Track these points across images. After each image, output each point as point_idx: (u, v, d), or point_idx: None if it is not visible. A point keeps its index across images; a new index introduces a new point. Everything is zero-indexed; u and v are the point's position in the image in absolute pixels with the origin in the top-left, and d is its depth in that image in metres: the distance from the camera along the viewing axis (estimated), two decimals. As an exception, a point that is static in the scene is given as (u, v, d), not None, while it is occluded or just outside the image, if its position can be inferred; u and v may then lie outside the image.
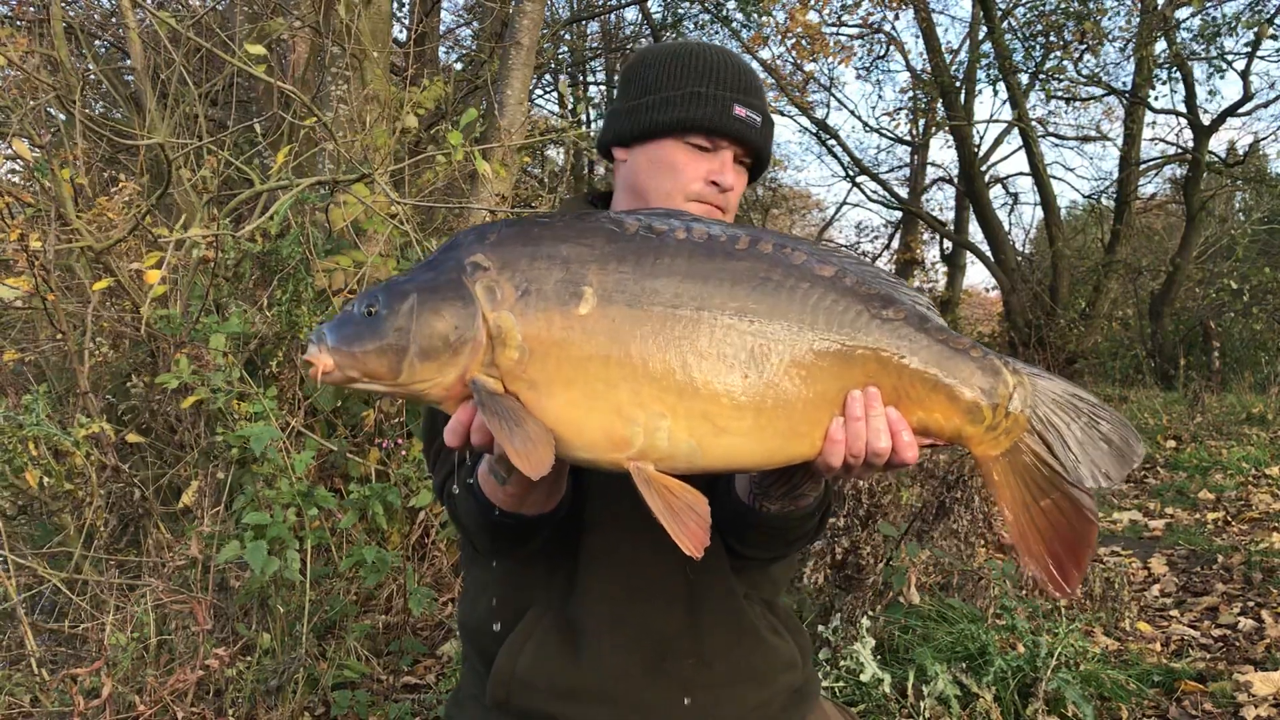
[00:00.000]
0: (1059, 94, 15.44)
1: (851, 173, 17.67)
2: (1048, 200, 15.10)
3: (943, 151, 48.69)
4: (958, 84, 15.20)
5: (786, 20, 13.39)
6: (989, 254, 15.79)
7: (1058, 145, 25.81)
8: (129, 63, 5.91)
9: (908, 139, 18.41)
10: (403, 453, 3.71)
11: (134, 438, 3.67)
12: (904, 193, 19.06)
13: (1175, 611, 4.05)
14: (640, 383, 1.05)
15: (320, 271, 3.92)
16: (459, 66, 10.64)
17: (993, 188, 17.98)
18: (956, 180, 17.70)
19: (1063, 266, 14.39)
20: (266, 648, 3.02)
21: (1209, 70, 13.50)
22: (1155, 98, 14.34)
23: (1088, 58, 14.21)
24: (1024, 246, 19.30)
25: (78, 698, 2.27)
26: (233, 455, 3.33)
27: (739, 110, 1.42)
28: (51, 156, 3.66)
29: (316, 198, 4.10)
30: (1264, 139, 17.21)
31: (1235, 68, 13.65)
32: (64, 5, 6.31)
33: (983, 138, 17.36)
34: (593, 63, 16.64)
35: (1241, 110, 14.01)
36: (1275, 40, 12.81)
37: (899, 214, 19.92)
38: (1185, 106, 14.03)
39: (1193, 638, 3.69)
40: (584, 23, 15.69)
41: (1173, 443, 8.09)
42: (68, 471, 3.26)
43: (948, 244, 19.82)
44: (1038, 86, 14.88)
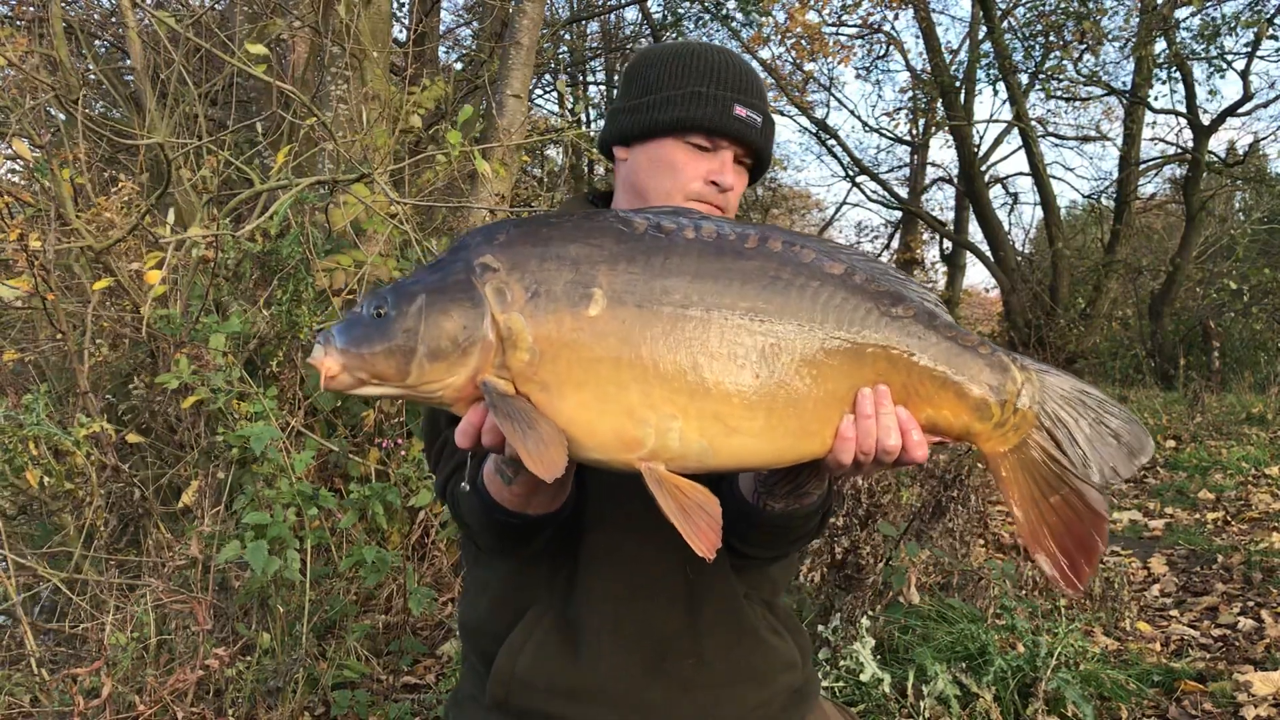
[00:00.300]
0: (1059, 94, 15.47)
1: (851, 172, 17.69)
2: (1048, 200, 15.10)
3: (943, 151, 48.75)
4: (958, 84, 15.21)
5: (786, 20, 13.39)
6: (989, 254, 15.80)
7: (1058, 145, 25.84)
8: (129, 63, 5.91)
9: (908, 139, 18.43)
10: (403, 453, 3.71)
11: (134, 438, 3.67)
12: (904, 193, 19.07)
13: (1175, 611, 4.05)
14: (651, 384, 1.05)
15: (320, 271, 3.92)
16: (459, 66, 10.64)
17: (993, 188, 17.98)
18: (956, 180, 17.70)
19: (1063, 266, 14.39)
20: (266, 648, 3.02)
21: (1209, 70, 13.52)
22: (1155, 98, 14.37)
23: (1088, 57, 14.24)
24: (1024, 246, 19.30)
25: (78, 698, 2.27)
26: (233, 455, 3.33)
27: (739, 110, 1.42)
28: (51, 156, 3.66)
29: (316, 197, 4.10)
30: (1264, 139, 17.22)
31: (1235, 68, 13.67)
32: (64, 5, 6.31)
33: (983, 138, 17.38)
34: (593, 63, 16.65)
35: (1241, 110, 14.02)
36: (1275, 40, 12.82)
37: (899, 214, 19.92)
38: (1185, 106, 14.04)
39: (1193, 638, 3.69)
40: (584, 23, 15.70)
41: (1173, 443, 8.09)
42: (68, 471, 3.26)
43: (948, 244, 19.83)
44: (1038, 86, 14.90)
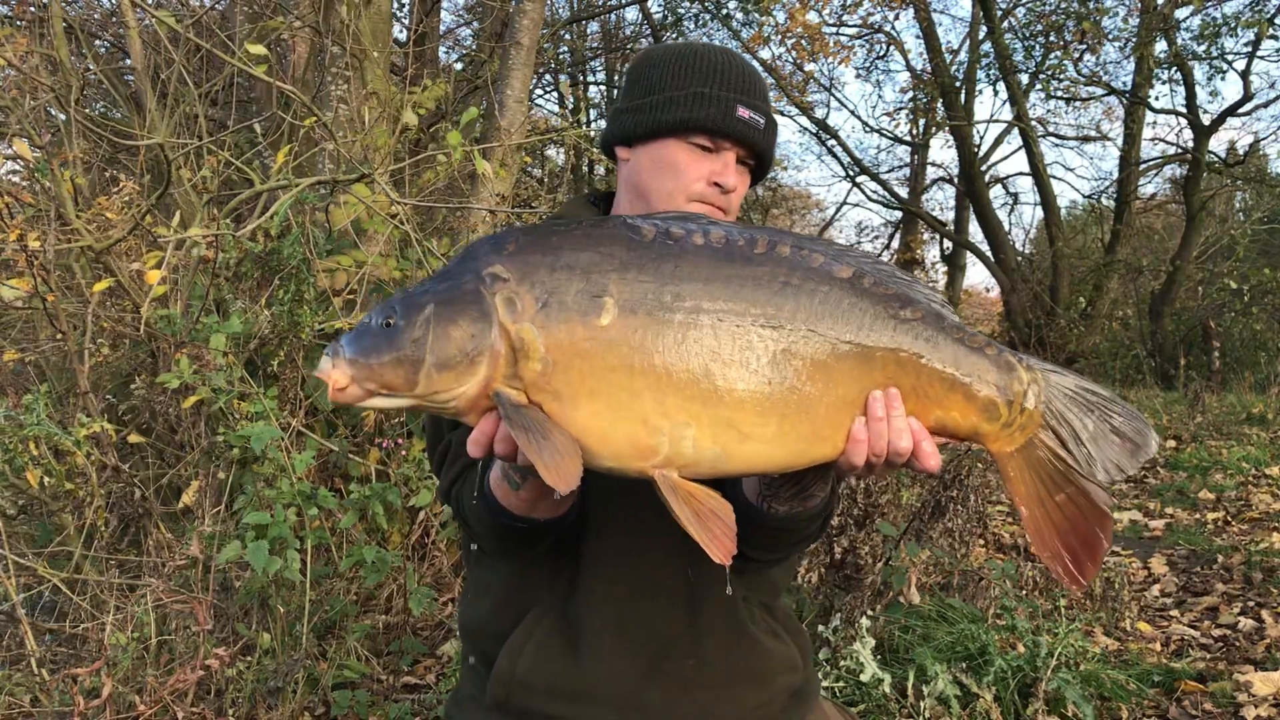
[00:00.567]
0: (1059, 94, 15.47)
1: (851, 173, 17.69)
2: (1048, 200, 15.11)
3: (943, 151, 48.74)
4: (958, 84, 15.21)
5: (787, 20, 13.39)
6: (989, 254, 15.79)
7: (1058, 145, 25.88)
8: (129, 63, 5.91)
9: (908, 139, 18.42)
10: (403, 453, 3.72)
11: (135, 438, 3.67)
12: (904, 193, 19.07)
13: (1175, 611, 4.05)
14: (664, 392, 1.05)
15: (321, 272, 3.92)
16: (459, 66, 10.64)
17: (993, 188, 17.99)
18: (956, 180, 17.71)
19: (1063, 266, 14.39)
20: (267, 648, 3.02)
21: (1209, 71, 13.52)
22: (1155, 98, 14.38)
23: (1088, 57, 14.25)
24: (1024, 246, 19.32)
25: (78, 698, 2.27)
26: (233, 455, 3.33)
27: (742, 112, 1.42)
28: (51, 156, 3.66)
29: (316, 198, 4.10)
30: (1264, 139, 17.27)
31: (1235, 68, 13.68)
32: (64, 5, 6.31)
33: (983, 138, 17.38)
34: (593, 63, 16.64)
35: (1241, 110, 14.03)
36: (1275, 40, 12.82)
37: (899, 214, 19.92)
38: (1185, 106, 14.04)
39: (1193, 638, 3.69)
40: (584, 23, 15.70)
41: (1173, 443, 8.09)
42: (68, 471, 3.26)
43: (948, 244, 19.83)
44: (1038, 86, 14.90)
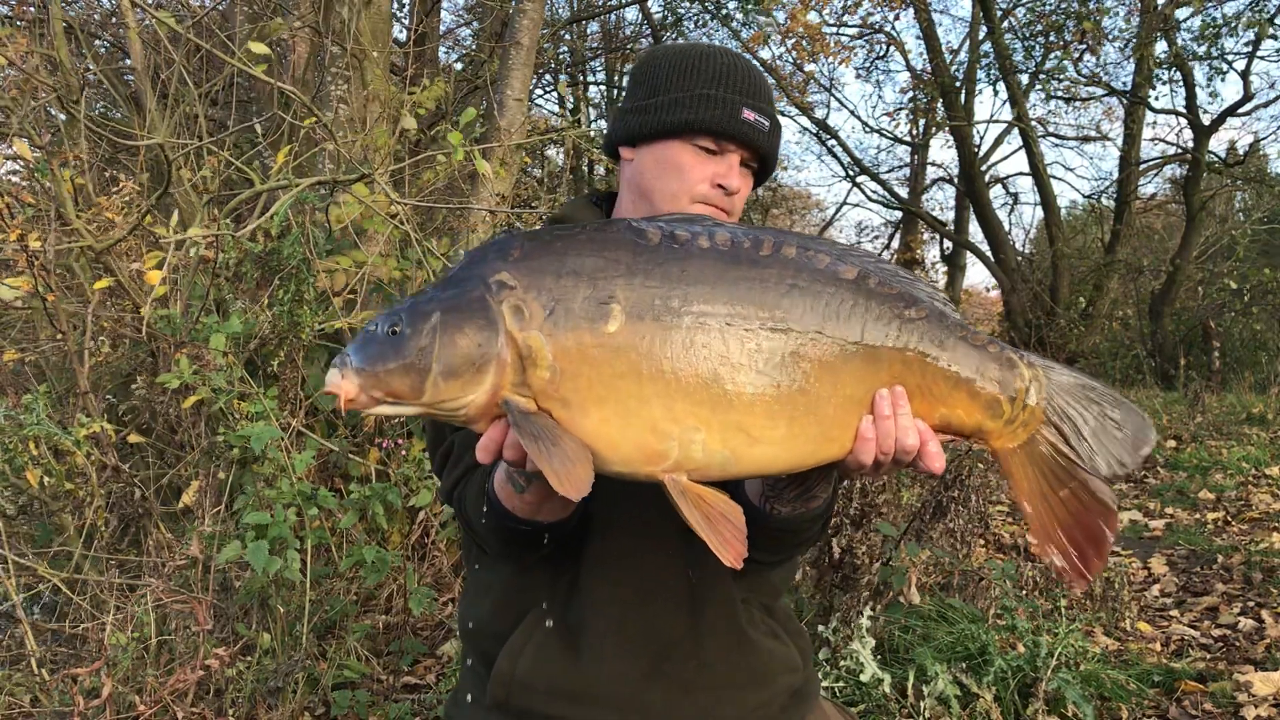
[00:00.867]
0: (1059, 94, 15.48)
1: (852, 173, 17.68)
2: (1048, 200, 15.11)
3: (943, 151, 48.76)
4: (958, 84, 15.20)
5: (787, 20, 13.39)
6: (989, 254, 15.79)
7: (1058, 145, 25.89)
8: (129, 63, 5.91)
9: (908, 139, 18.43)
10: (403, 453, 3.72)
11: (135, 438, 3.67)
12: (904, 193, 19.07)
13: (1175, 611, 4.05)
14: (673, 397, 1.05)
15: (321, 272, 3.92)
16: (459, 66, 10.64)
17: (993, 188, 18.00)
18: (956, 180, 17.71)
19: (1063, 266, 14.39)
20: (266, 648, 3.02)
21: (1209, 71, 13.52)
22: (1155, 98, 14.36)
23: (1088, 58, 14.24)
24: (1024, 246, 19.32)
25: (78, 698, 2.27)
26: (233, 455, 3.33)
27: (747, 114, 1.42)
28: (51, 156, 3.66)
29: (316, 198, 4.10)
30: (1264, 139, 17.24)
31: (1235, 68, 13.68)
32: (64, 5, 6.31)
33: (983, 138, 17.39)
34: (593, 63, 16.64)
35: (1241, 110, 14.03)
36: (1275, 40, 12.82)
37: (899, 214, 19.92)
38: (1185, 106, 14.03)
39: (1193, 638, 3.69)
40: (584, 23, 15.69)
41: (1173, 443, 8.09)
42: (68, 471, 3.26)
43: (948, 244, 19.83)
44: (1038, 86, 14.90)
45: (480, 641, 1.49)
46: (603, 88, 17.38)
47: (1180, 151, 15.32)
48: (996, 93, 24.71)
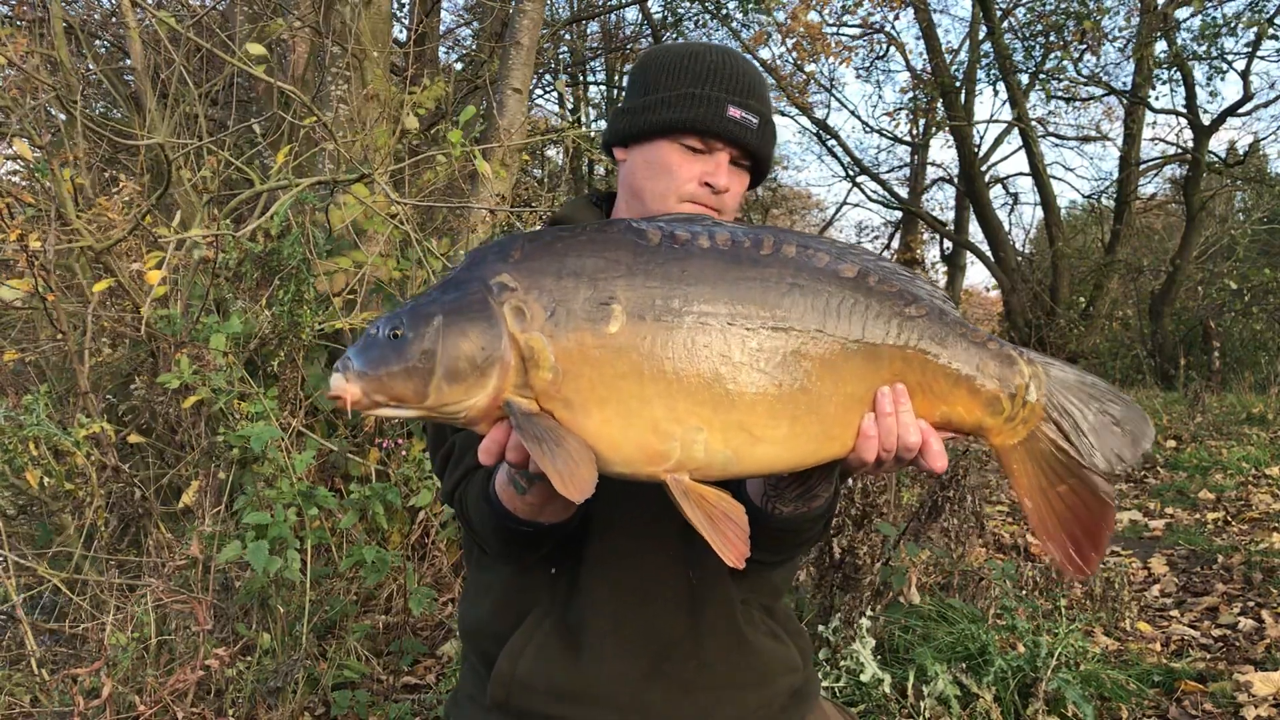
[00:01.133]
0: (1059, 94, 15.49)
1: (852, 173, 17.70)
2: (1048, 200, 15.12)
3: (943, 151, 48.76)
4: (958, 84, 15.22)
5: (788, 20, 13.39)
6: (989, 254, 15.80)
7: (1058, 145, 25.89)
8: (129, 63, 5.91)
9: (908, 139, 18.44)
10: (403, 453, 3.72)
11: (135, 438, 3.67)
12: (904, 193, 19.08)
13: (1175, 611, 4.05)
14: (675, 397, 1.05)
15: (322, 272, 3.92)
16: (459, 66, 10.64)
17: (993, 188, 18.00)
18: (956, 180, 17.71)
19: (1063, 266, 14.40)
20: (266, 648, 3.02)
21: (1209, 71, 13.52)
22: (1155, 98, 14.38)
23: (1088, 58, 14.25)
24: (1024, 246, 19.33)
25: (78, 698, 2.27)
26: (233, 455, 3.33)
27: (733, 111, 1.41)
28: (52, 157, 3.66)
29: (316, 198, 4.10)
30: (1264, 139, 17.25)
31: (1235, 68, 13.68)
32: (64, 5, 6.31)
33: (983, 138, 17.40)
34: (593, 63, 16.64)
35: (1241, 110, 14.04)
36: (1275, 40, 12.82)
37: (899, 214, 19.93)
38: (1185, 106, 14.04)
39: (1193, 638, 3.69)
40: (584, 23, 15.69)
41: (1173, 443, 8.09)
42: (68, 471, 3.26)
43: (948, 244, 19.84)
44: (1038, 86, 14.91)
45: (480, 642, 1.49)
46: (603, 88, 17.39)
47: (1180, 151, 15.32)
48: (996, 93, 24.75)
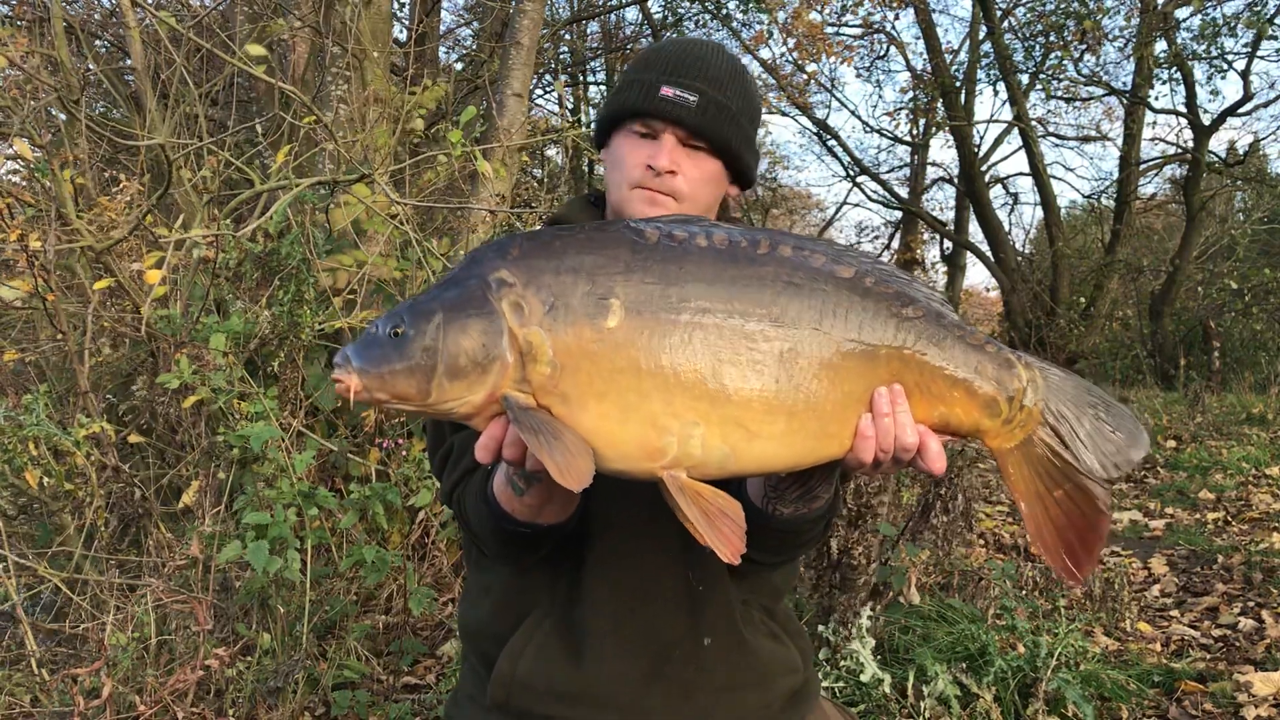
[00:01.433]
0: (1059, 94, 15.49)
1: (852, 173, 17.70)
2: (1048, 200, 15.11)
3: (943, 151, 48.73)
4: (958, 84, 15.21)
5: (788, 20, 13.39)
6: (989, 254, 15.80)
7: (1058, 145, 25.87)
8: (129, 63, 5.91)
9: (908, 139, 18.43)
10: (403, 453, 3.72)
11: (135, 438, 3.67)
12: (904, 193, 19.07)
13: (1175, 611, 4.05)
14: (672, 392, 1.06)
15: (322, 272, 3.92)
16: (459, 66, 10.64)
17: (993, 188, 18.00)
18: (956, 180, 17.71)
19: (1063, 266, 14.39)
20: (267, 648, 3.02)
21: (1209, 70, 13.52)
22: (1155, 98, 14.37)
23: (1088, 58, 14.24)
24: (1024, 246, 19.33)
25: (78, 698, 2.27)
26: (233, 455, 3.33)
27: (665, 90, 1.39)
28: (52, 156, 3.66)
29: (316, 198, 4.10)
30: (1264, 139, 17.23)
31: (1235, 68, 13.67)
32: (65, 5, 6.31)
33: (983, 138, 17.40)
34: (593, 63, 16.63)
35: (1241, 110, 14.03)
36: (1275, 40, 12.81)
37: (899, 214, 19.91)
38: (1185, 106, 14.04)
39: (1193, 638, 3.69)
40: (584, 23, 15.69)
41: (1173, 443, 8.09)
42: (68, 471, 3.26)
43: (948, 244, 19.83)
44: (1038, 86, 14.91)
45: (480, 642, 1.49)
46: (603, 88, 17.37)
47: (1180, 151, 15.32)
48: (996, 93, 24.75)
